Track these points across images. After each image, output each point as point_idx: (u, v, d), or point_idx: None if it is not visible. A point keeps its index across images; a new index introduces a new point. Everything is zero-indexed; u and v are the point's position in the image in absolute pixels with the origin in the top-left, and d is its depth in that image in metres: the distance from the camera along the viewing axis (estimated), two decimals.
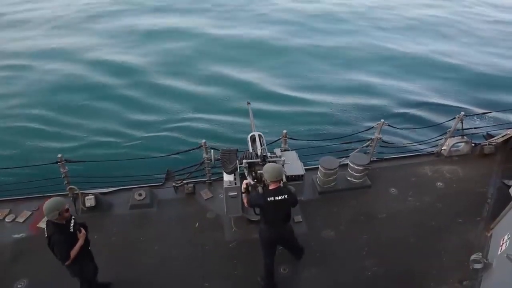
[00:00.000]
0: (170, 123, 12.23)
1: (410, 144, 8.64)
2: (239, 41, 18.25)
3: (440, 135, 8.01)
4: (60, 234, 4.11)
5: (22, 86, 14.42)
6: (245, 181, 4.99)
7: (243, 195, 4.95)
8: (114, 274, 5.37)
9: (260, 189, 4.68)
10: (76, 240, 4.27)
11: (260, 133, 5.89)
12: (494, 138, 7.93)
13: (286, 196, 4.55)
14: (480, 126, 8.72)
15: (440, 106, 13.11)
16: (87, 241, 4.51)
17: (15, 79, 14.89)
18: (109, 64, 15.87)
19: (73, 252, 4.20)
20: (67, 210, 4.16)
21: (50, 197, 6.37)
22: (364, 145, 7.55)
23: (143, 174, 7.28)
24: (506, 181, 6.95)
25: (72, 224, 4.31)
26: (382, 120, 7.19)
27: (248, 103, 6.85)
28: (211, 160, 6.36)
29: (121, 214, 6.55)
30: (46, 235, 4.16)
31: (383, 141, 7.47)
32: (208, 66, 15.81)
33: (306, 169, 5.85)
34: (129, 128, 12.02)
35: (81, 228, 4.41)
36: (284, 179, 4.92)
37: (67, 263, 4.19)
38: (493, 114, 10.15)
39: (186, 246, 5.93)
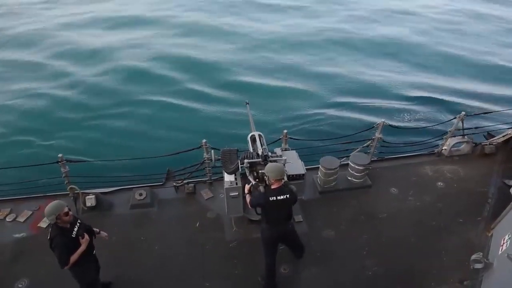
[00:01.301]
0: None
1: (411, 144, 8.61)
2: None
3: (441, 135, 8.00)
4: (62, 238, 4.08)
5: None
6: (247, 185, 5.01)
7: (246, 195, 4.96)
8: (114, 274, 5.38)
9: (261, 188, 4.68)
10: (78, 245, 4.22)
11: (260, 133, 5.90)
12: (495, 138, 7.92)
13: (288, 196, 4.57)
14: (481, 125, 8.70)
15: (441, 106, 13.10)
16: (91, 247, 4.47)
17: None
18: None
19: (73, 258, 4.16)
20: (67, 213, 4.10)
21: (50, 196, 6.44)
22: (364, 145, 7.54)
23: (144, 173, 7.28)
24: (506, 181, 6.95)
25: (75, 229, 4.26)
26: (383, 120, 7.18)
27: (247, 103, 6.84)
28: (211, 160, 6.36)
29: (121, 213, 6.55)
30: (49, 237, 4.15)
31: (383, 141, 7.46)
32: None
33: (306, 169, 5.83)
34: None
35: (85, 233, 4.33)
36: (286, 179, 4.92)
37: (65, 267, 4.16)
38: (494, 113, 10.14)
39: (187, 245, 5.94)
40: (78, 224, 4.33)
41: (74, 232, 4.23)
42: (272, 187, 4.59)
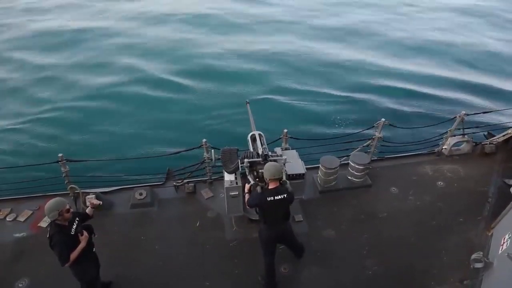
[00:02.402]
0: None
1: (411, 143, 8.62)
2: None
3: (441, 134, 7.99)
4: (61, 235, 4.09)
5: None
6: (247, 184, 5.01)
7: (246, 195, 4.96)
8: (115, 273, 5.38)
9: (259, 188, 4.68)
10: (77, 242, 4.22)
11: (260, 132, 5.90)
12: (495, 137, 7.92)
13: (285, 195, 4.57)
14: (481, 125, 8.70)
15: (441, 105, 13.08)
16: (90, 244, 4.48)
17: None
18: None
19: (73, 255, 4.16)
20: (68, 210, 4.13)
21: (51, 196, 6.42)
22: (364, 144, 7.53)
23: (144, 173, 7.29)
24: (507, 180, 6.95)
25: (74, 226, 4.26)
26: (383, 119, 7.17)
27: (247, 102, 6.84)
28: (211, 159, 6.36)
29: (122, 213, 6.56)
30: (48, 235, 4.16)
31: (383, 140, 7.45)
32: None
33: (306, 168, 5.83)
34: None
35: (84, 230, 4.34)
36: (285, 178, 4.92)
37: (66, 265, 4.17)
38: (494, 112, 10.14)
39: (187, 245, 5.94)
40: (76, 222, 4.34)
41: (73, 230, 4.23)
42: (269, 187, 4.58)
